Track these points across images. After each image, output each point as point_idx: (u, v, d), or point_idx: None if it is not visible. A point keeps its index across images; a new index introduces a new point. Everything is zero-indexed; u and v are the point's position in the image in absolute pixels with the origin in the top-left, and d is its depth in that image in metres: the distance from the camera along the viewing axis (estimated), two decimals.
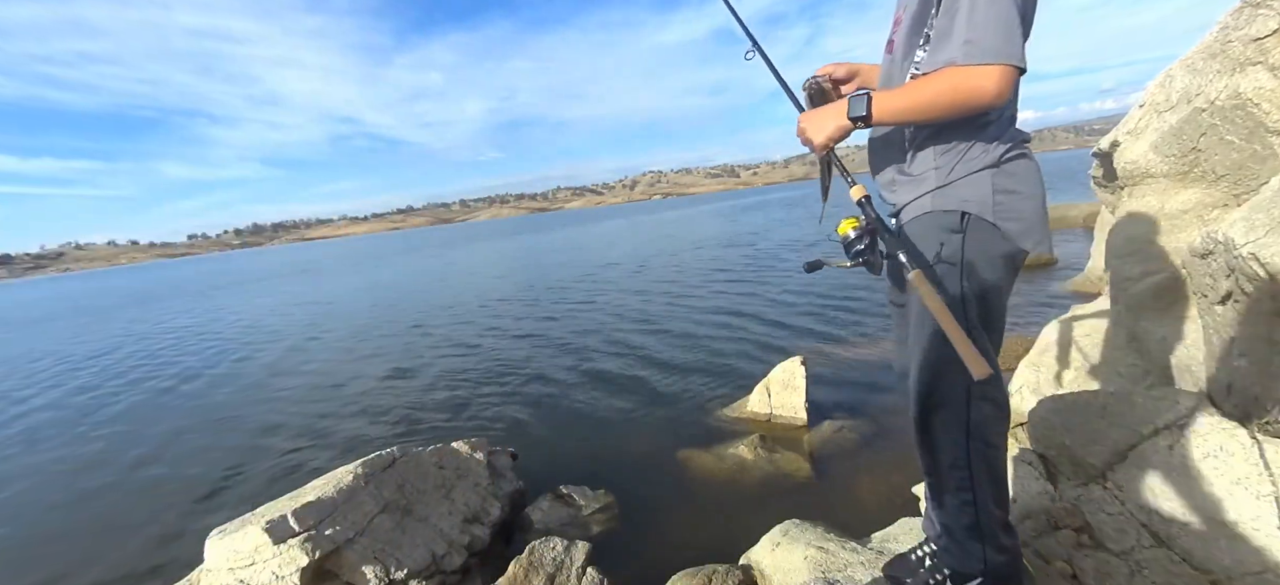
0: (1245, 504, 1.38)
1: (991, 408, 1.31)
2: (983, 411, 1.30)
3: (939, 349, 1.30)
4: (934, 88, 1.19)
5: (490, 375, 6.02)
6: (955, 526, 1.41)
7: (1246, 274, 1.47)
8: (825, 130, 1.30)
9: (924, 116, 1.23)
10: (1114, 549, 1.57)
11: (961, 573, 1.42)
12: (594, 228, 40.40)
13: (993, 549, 1.38)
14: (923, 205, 1.31)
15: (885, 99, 1.24)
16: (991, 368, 1.20)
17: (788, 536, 2.03)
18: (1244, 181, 1.93)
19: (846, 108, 1.26)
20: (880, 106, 1.23)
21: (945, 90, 1.18)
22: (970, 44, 1.14)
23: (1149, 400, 1.69)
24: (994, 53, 1.13)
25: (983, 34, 1.13)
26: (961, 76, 1.16)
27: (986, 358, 1.27)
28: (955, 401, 1.31)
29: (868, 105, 1.24)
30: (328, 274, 26.56)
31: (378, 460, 2.77)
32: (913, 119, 1.25)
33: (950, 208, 1.28)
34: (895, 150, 1.38)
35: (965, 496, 1.36)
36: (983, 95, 1.15)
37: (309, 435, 4.93)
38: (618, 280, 12.01)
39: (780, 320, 6.87)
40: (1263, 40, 1.82)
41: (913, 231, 1.33)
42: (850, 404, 4.10)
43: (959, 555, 1.42)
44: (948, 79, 1.17)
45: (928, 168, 1.31)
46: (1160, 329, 2.15)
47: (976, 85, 1.15)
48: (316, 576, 2.22)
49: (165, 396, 6.99)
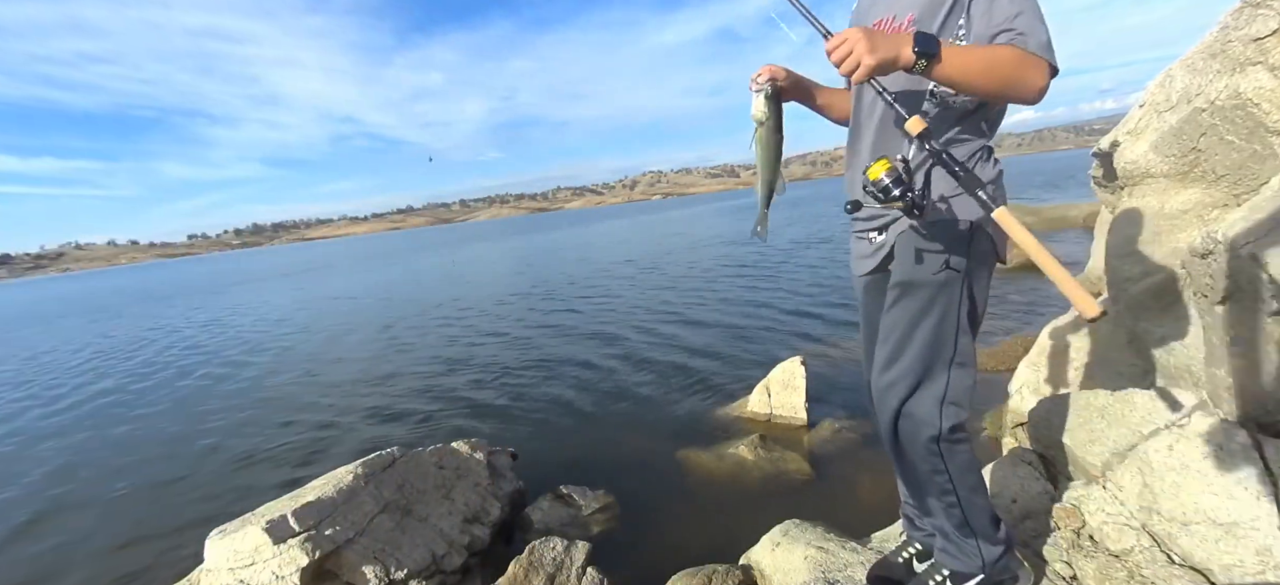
0: (1245, 504, 1.38)
1: (958, 411, 1.32)
2: (954, 416, 1.31)
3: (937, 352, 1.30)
4: (1001, 57, 1.11)
5: (490, 375, 6.02)
6: (947, 527, 1.42)
7: (1246, 274, 1.47)
8: (879, 51, 1.06)
9: (979, 84, 1.12)
10: (1114, 549, 1.57)
11: (961, 572, 1.43)
12: (594, 228, 40.40)
13: (986, 542, 1.40)
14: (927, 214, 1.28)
15: (953, 49, 1.09)
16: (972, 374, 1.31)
17: (788, 536, 2.03)
18: (1244, 181, 1.93)
19: (910, 39, 1.07)
20: (948, 54, 1.08)
21: (1010, 65, 1.10)
22: (1025, 35, 1.11)
23: (1149, 400, 1.69)
24: (1047, 50, 1.11)
25: (1035, 28, 1.11)
26: (1025, 61, 1.10)
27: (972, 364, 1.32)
28: (930, 408, 1.31)
29: (936, 45, 1.07)
30: (328, 274, 26.56)
31: (378, 460, 2.77)
32: (967, 83, 1.12)
33: (961, 217, 1.27)
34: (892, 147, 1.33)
35: (949, 499, 1.37)
36: (1033, 88, 1.11)
37: (309, 435, 4.93)
38: (618, 280, 12.00)
39: (780, 320, 6.87)
40: (1263, 40, 1.82)
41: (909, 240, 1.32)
42: (850, 404, 4.09)
43: (956, 555, 1.43)
44: (1014, 56, 1.10)
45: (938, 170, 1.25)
46: (1160, 329, 2.15)
47: (1033, 77, 1.11)
48: (316, 576, 2.23)
49: (165, 395, 6.98)
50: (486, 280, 15.40)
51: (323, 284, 21.09)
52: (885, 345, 1.37)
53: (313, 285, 21.04)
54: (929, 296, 1.30)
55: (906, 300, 1.33)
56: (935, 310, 1.30)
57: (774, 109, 1.37)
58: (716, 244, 17.34)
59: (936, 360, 1.31)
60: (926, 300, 1.30)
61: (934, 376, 1.31)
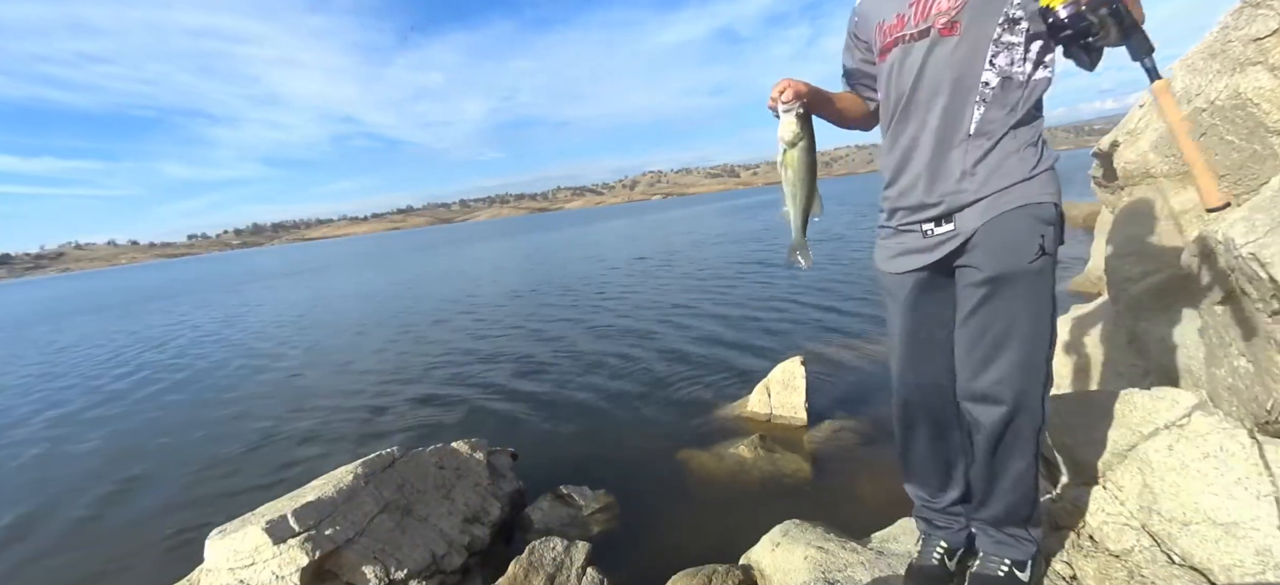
0: (1245, 504, 1.38)
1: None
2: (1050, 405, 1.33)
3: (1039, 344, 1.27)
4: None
5: (490, 375, 6.02)
6: (1016, 517, 1.43)
7: (1246, 274, 1.47)
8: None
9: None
10: (1114, 549, 1.57)
11: (1021, 558, 1.45)
12: (594, 228, 40.39)
13: (1037, 526, 1.45)
14: (1011, 198, 1.24)
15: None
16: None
17: (788, 536, 2.03)
18: (1244, 181, 1.93)
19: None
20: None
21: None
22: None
23: (1149, 400, 1.69)
24: None
25: None
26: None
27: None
28: (1036, 402, 1.29)
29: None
30: (328, 274, 26.56)
31: (378, 460, 2.77)
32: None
33: (1045, 200, 1.24)
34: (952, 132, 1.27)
35: (1029, 491, 1.38)
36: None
37: (309, 435, 4.93)
38: (618, 280, 12.00)
39: (780, 320, 6.86)
40: (1263, 40, 1.82)
41: (1001, 228, 1.25)
42: (850, 404, 4.09)
43: (1014, 543, 1.45)
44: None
45: (1010, 154, 1.25)
46: (1160, 329, 2.15)
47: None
48: (316, 576, 2.22)
49: (165, 395, 6.98)
50: (486, 280, 15.40)
51: (323, 284, 21.09)
52: (979, 347, 1.30)
53: (313, 285, 21.03)
54: (1027, 288, 1.25)
55: (1003, 295, 1.26)
56: (1035, 301, 1.25)
57: (807, 127, 1.32)
58: (717, 244, 17.34)
59: (1038, 353, 1.28)
60: (1026, 292, 1.25)
61: (1037, 369, 1.28)
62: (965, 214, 1.28)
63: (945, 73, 1.26)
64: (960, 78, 1.24)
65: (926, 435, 1.53)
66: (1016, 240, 1.24)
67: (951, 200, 1.29)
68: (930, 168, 1.31)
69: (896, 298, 1.46)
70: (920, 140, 1.32)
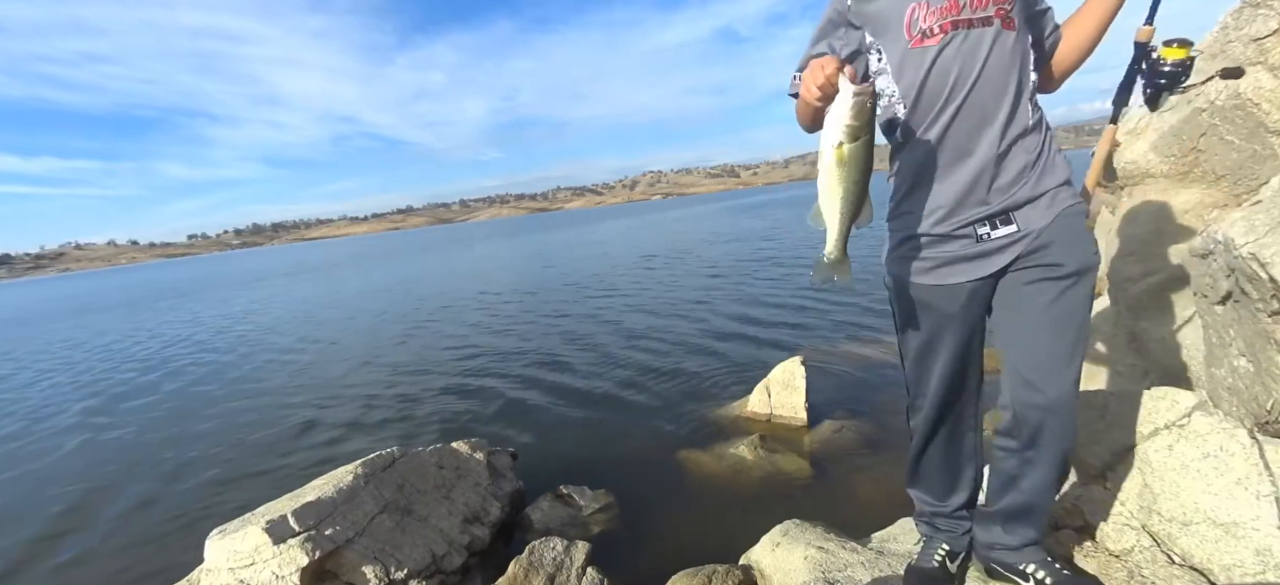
0: (1245, 504, 1.38)
1: None
2: None
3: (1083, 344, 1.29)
4: None
5: (490, 375, 6.02)
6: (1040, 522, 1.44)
7: (1246, 274, 1.47)
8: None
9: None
10: (1114, 549, 1.57)
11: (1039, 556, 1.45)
12: (594, 228, 40.39)
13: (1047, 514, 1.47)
14: (1066, 196, 1.26)
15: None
16: None
17: (788, 536, 2.03)
18: (1244, 181, 1.93)
19: None
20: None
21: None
22: None
23: (1149, 400, 1.68)
24: None
25: None
26: None
27: None
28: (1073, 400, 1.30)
29: None
30: (328, 274, 26.57)
31: (378, 460, 2.77)
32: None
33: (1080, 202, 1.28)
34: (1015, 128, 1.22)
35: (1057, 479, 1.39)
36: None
37: (309, 435, 4.94)
38: (618, 280, 12.00)
39: (780, 320, 6.87)
40: (1263, 40, 1.82)
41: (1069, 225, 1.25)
42: (850, 404, 4.09)
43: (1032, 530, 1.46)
44: None
45: (1054, 154, 1.27)
46: (1160, 329, 2.15)
47: None
48: (316, 576, 2.23)
49: (165, 394, 6.99)
50: (485, 281, 15.40)
51: (323, 284, 21.10)
52: (1062, 340, 1.25)
53: (313, 285, 21.04)
54: (1092, 281, 1.27)
55: (1079, 288, 1.24)
56: (1091, 295, 1.27)
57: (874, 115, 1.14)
58: (717, 244, 17.33)
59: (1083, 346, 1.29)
60: (1091, 285, 1.27)
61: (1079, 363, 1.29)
62: (1026, 212, 1.24)
63: (1011, 64, 1.21)
64: (1021, 72, 1.22)
65: (947, 443, 1.55)
66: (1084, 238, 1.25)
67: (1009, 199, 1.23)
68: (993, 165, 1.23)
69: (941, 311, 1.36)
70: (982, 135, 1.22)
